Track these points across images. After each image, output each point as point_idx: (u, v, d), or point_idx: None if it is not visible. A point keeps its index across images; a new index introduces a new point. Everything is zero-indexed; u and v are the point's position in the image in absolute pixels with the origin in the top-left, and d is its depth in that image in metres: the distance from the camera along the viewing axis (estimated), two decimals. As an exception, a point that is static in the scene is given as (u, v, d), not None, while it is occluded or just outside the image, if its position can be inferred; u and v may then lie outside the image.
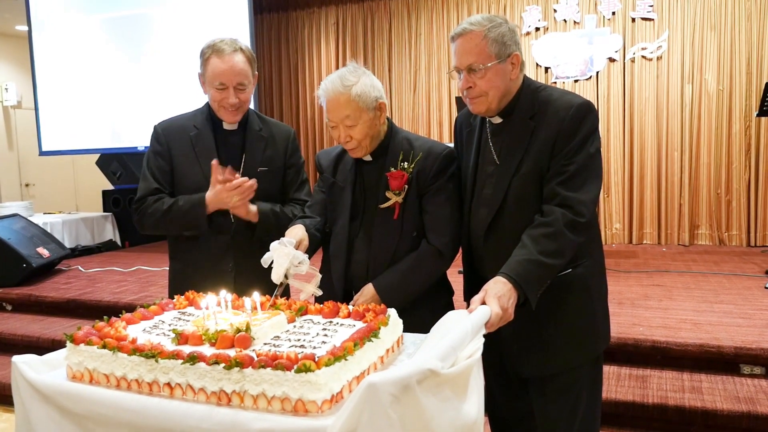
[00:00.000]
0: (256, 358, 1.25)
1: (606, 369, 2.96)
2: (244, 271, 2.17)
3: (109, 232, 7.23)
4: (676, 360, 3.11)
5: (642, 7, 6.24)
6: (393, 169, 1.93)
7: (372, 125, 1.89)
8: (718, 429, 2.72)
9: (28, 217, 6.06)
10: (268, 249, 1.76)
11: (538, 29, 6.64)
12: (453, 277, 2.08)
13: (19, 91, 9.45)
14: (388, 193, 1.93)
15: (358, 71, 1.88)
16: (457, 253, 1.98)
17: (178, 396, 1.30)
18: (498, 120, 1.85)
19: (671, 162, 6.25)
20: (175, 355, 1.30)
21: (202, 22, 6.61)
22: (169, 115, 2.35)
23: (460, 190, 1.97)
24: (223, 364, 1.25)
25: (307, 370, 1.19)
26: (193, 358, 1.28)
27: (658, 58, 6.23)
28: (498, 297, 1.55)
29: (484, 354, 1.40)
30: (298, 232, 1.88)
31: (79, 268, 5.74)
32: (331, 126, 1.91)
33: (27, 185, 9.73)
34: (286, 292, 2.12)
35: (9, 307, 4.80)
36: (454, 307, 1.99)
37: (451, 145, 2.06)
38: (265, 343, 1.41)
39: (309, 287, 1.82)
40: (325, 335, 1.46)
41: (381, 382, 1.14)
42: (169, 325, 1.57)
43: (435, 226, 1.93)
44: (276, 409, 1.22)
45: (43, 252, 5.35)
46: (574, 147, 1.72)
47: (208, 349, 1.37)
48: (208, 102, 2.24)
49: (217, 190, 2.09)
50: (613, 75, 6.38)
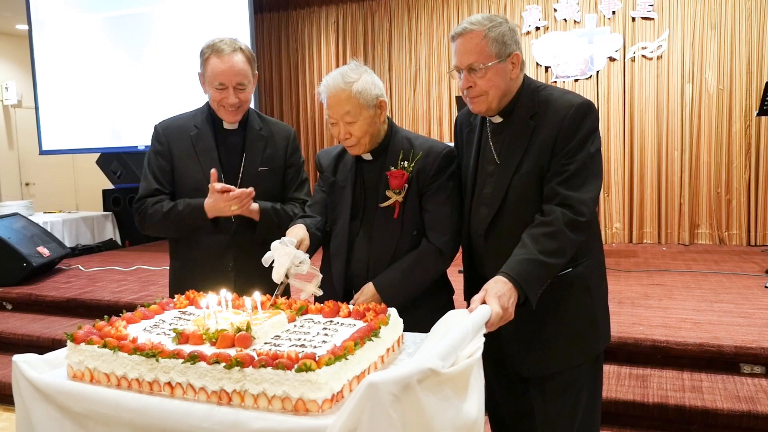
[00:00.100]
0: (256, 358, 1.25)
1: (606, 368, 2.96)
2: (245, 271, 2.18)
3: (110, 232, 7.24)
4: (676, 359, 3.11)
5: (642, 6, 6.24)
6: (393, 168, 1.93)
7: (372, 123, 1.90)
8: (718, 428, 2.72)
9: (29, 217, 6.06)
10: (268, 248, 1.76)
11: (538, 28, 6.64)
12: (453, 276, 2.08)
13: (20, 90, 9.44)
14: (389, 192, 1.93)
15: (360, 69, 1.89)
16: (458, 252, 1.98)
17: (179, 395, 1.30)
18: (498, 119, 1.85)
19: (671, 161, 6.25)
20: (175, 355, 1.30)
21: (203, 21, 6.61)
22: (170, 114, 2.35)
23: (460, 189, 1.97)
24: (223, 364, 1.25)
25: (308, 369, 1.19)
26: (193, 358, 1.28)
27: (659, 58, 6.23)
28: (498, 296, 1.55)
29: (485, 353, 1.40)
30: (299, 232, 1.88)
31: (80, 267, 5.74)
32: (331, 123, 1.91)
33: (27, 184, 9.73)
34: (286, 292, 2.11)
35: (9, 307, 4.80)
36: (454, 307, 1.99)
37: (451, 144, 2.06)
38: (265, 343, 1.41)
39: (310, 287, 1.82)
40: (326, 334, 1.46)
41: (381, 382, 1.14)
42: (170, 324, 1.57)
43: (435, 224, 1.93)
44: (276, 408, 1.22)
45: (44, 251, 5.35)
46: (574, 146, 1.72)
47: (208, 349, 1.37)
48: (209, 101, 2.24)
49: (216, 198, 2.09)
50: (614, 74, 6.38)
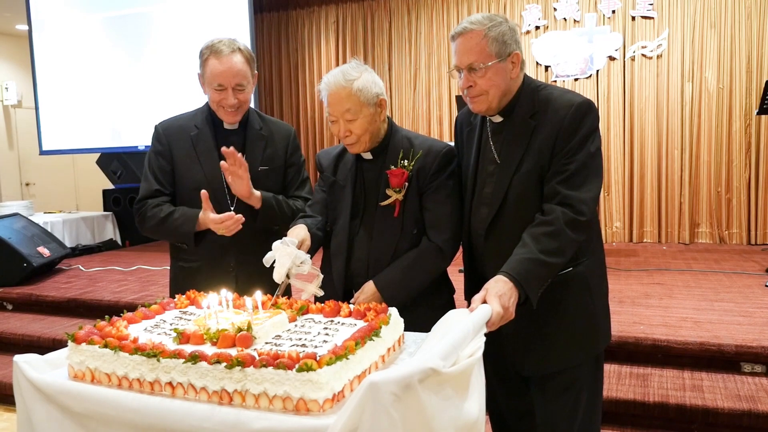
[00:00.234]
0: (257, 358, 1.25)
1: (607, 367, 2.96)
2: (246, 271, 2.18)
3: (110, 232, 7.24)
4: (676, 358, 3.11)
5: (642, 5, 6.23)
6: (393, 167, 1.93)
7: (372, 121, 1.90)
8: (719, 427, 2.72)
9: (29, 217, 6.06)
10: (269, 247, 1.76)
11: (538, 28, 6.63)
12: (453, 276, 2.08)
13: (20, 90, 9.44)
14: (389, 191, 1.93)
15: (360, 67, 1.90)
16: (458, 251, 1.98)
17: (180, 395, 1.30)
18: (498, 119, 1.85)
19: (671, 160, 6.25)
20: (176, 355, 1.30)
21: (203, 21, 6.61)
22: (170, 114, 2.35)
23: (461, 188, 1.97)
24: (224, 364, 1.25)
25: (309, 369, 1.19)
26: (194, 358, 1.28)
27: (658, 57, 6.23)
28: (499, 296, 1.55)
29: (485, 353, 1.40)
30: (300, 232, 1.88)
31: (80, 267, 5.74)
32: (332, 120, 1.91)
33: (27, 184, 9.73)
34: (287, 292, 2.12)
35: (10, 307, 4.80)
36: (455, 305, 1.99)
37: (452, 143, 2.06)
38: (266, 342, 1.41)
39: (311, 287, 1.82)
40: (327, 334, 1.46)
41: (382, 381, 1.14)
42: (171, 324, 1.57)
43: (435, 223, 1.93)
44: (277, 408, 1.22)
45: (44, 251, 5.35)
46: (574, 146, 1.72)
47: (209, 349, 1.37)
48: (208, 102, 2.24)
49: (208, 219, 2.08)
50: (613, 73, 6.38)
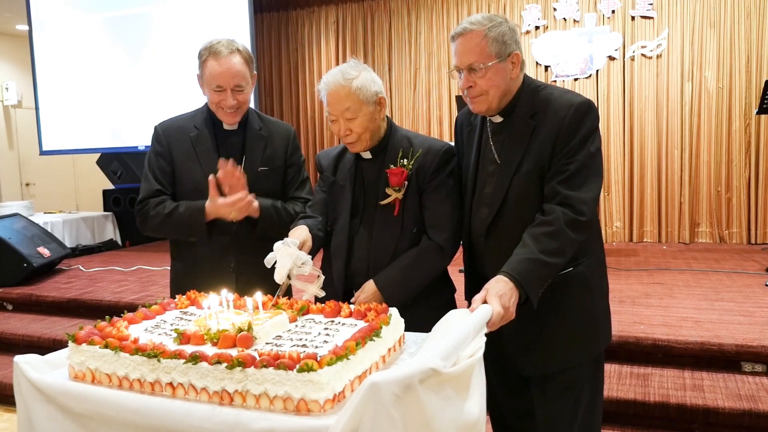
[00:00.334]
0: (258, 358, 1.25)
1: (607, 367, 2.97)
2: (246, 271, 2.18)
3: (110, 232, 7.24)
4: (677, 358, 3.11)
5: (642, 5, 6.23)
6: (393, 166, 1.93)
7: (372, 119, 1.90)
8: (719, 427, 2.72)
9: (29, 217, 6.06)
10: (270, 248, 1.76)
11: (537, 28, 6.64)
12: (454, 276, 2.08)
13: (20, 90, 9.44)
14: (388, 190, 1.93)
15: (359, 66, 1.90)
16: (458, 249, 1.98)
17: (180, 396, 1.30)
18: (498, 119, 1.85)
19: (671, 160, 6.25)
20: (177, 355, 1.30)
21: (202, 21, 6.61)
22: (170, 114, 2.35)
23: (460, 187, 1.97)
24: (225, 364, 1.25)
25: (309, 369, 1.19)
26: (195, 358, 1.28)
27: (658, 56, 6.23)
28: (499, 296, 1.55)
29: (486, 353, 1.40)
30: (301, 233, 1.88)
31: (80, 267, 5.74)
32: (332, 119, 1.91)
33: (27, 185, 9.73)
34: (288, 293, 2.12)
35: (10, 307, 4.80)
36: (456, 304, 2.00)
37: (451, 142, 2.06)
38: (267, 343, 1.41)
39: (311, 288, 1.82)
40: (327, 335, 1.46)
41: (383, 382, 1.14)
42: (171, 324, 1.57)
43: (435, 221, 1.93)
44: (278, 408, 1.22)
45: (44, 251, 5.35)
46: (574, 146, 1.72)
47: (210, 349, 1.37)
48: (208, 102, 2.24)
49: (216, 204, 2.08)
50: (613, 73, 6.38)
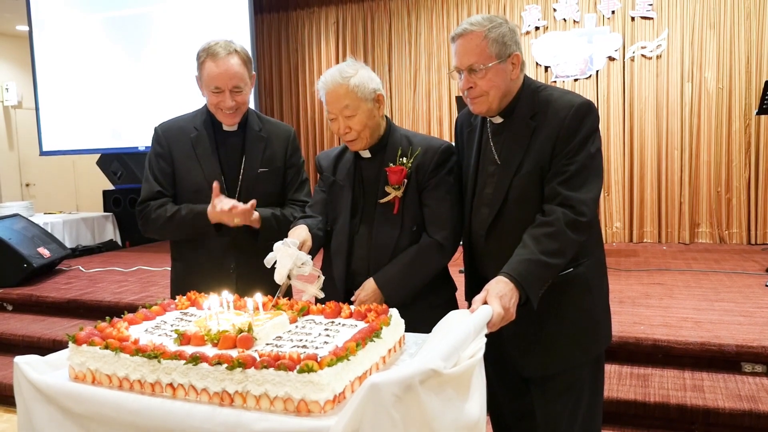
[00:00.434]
0: (258, 359, 1.25)
1: (607, 368, 2.97)
2: (246, 272, 2.17)
3: (110, 232, 7.24)
4: (677, 358, 3.11)
5: (641, 5, 6.23)
6: (392, 164, 1.93)
7: (371, 116, 1.90)
8: (719, 427, 2.72)
9: (29, 217, 6.06)
10: (270, 250, 1.76)
11: (537, 28, 6.64)
12: (454, 276, 2.08)
13: (20, 91, 9.44)
14: (388, 188, 1.93)
15: (357, 64, 1.91)
16: (458, 247, 1.98)
17: (181, 396, 1.30)
18: (499, 120, 1.85)
19: (671, 160, 6.25)
20: (177, 356, 1.30)
21: (202, 22, 6.62)
22: (170, 114, 2.35)
23: (460, 185, 1.97)
24: (225, 365, 1.25)
25: (310, 370, 1.19)
26: (195, 359, 1.28)
27: (658, 57, 6.23)
28: (500, 297, 1.55)
29: (486, 353, 1.40)
30: (301, 233, 1.88)
31: (80, 268, 5.74)
32: (331, 118, 1.92)
33: (27, 185, 9.73)
34: (288, 293, 2.12)
35: (10, 308, 4.80)
36: (457, 303, 2.00)
37: (451, 141, 2.06)
38: (267, 344, 1.41)
39: (311, 288, 1.82)
40: (327, 335, 1.46)
41: (383, 382, 1.14)
42: (172, 325, 1.57)
43: (435, 219, 1.93)
44: (278, 409, 1.22)
45: (44, 252, 5.35)
46: (574, 147, 1.72)
47: (210, 350, 1.37)
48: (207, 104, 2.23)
49: (219, 212, 2.07)
50: (613, 74, 6.38)
